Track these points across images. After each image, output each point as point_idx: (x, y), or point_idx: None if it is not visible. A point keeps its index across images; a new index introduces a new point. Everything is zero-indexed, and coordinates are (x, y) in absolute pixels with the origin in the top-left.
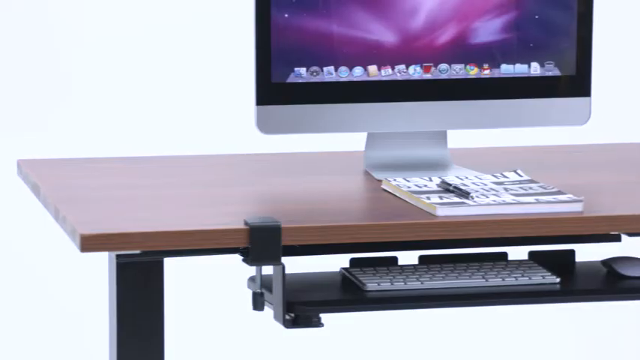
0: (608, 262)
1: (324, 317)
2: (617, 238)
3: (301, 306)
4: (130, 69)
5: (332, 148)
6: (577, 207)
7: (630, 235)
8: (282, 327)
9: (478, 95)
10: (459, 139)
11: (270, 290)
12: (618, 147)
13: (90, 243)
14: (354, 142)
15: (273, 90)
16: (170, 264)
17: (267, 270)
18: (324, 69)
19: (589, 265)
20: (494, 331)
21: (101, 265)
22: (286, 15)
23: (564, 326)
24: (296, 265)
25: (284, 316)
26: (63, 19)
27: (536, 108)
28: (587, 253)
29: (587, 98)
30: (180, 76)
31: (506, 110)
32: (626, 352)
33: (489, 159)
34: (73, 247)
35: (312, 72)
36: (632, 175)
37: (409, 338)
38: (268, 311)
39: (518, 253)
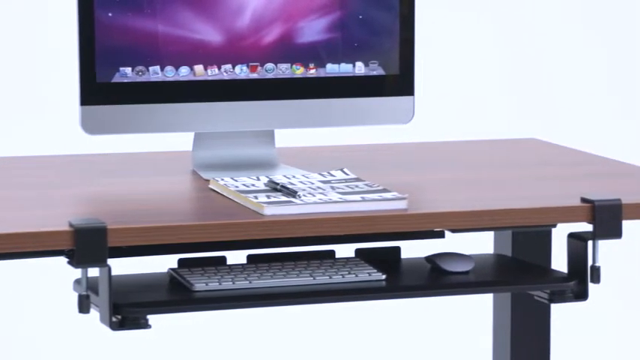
0: (431, 258)
1: (152, 318)
2: (441, 235)
3: (128, 308)
4: None
5: (159, 148)
6: (401, 204)
7: (453, 231)
8: (109, 329)
9: (305, 94)
10: (286, 138)
11: (97, 292)
12: (441, 145)
13: None
14: (181, 141)
15: (98, 90)
16: None
17: (95, 272)
18: (150, 68)
19: (414, 262)
20: (322, 328)
21: None
22: (110, 14)
23: (390, 322)
24: (123, 266)
25: (110, 319)
26: None
27: (362, 107)
28: (412, 249)
29: (410, 97)
30: (1, 76)
31: (332, 109)
32: (450, 345)
33: (316, 158)
34: None
35: (138, 72)
36: (454, 173)
37: (238, 337)
38: (95, 314)
39: (345, 250)
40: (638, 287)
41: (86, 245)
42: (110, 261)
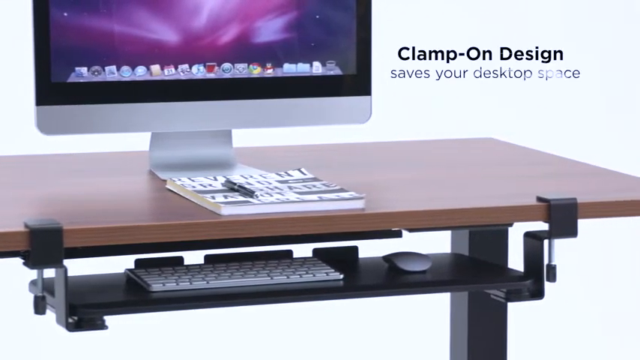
0: (389, 258)
1: (109, 319)
2: (398, 234)
3: (84, 309)
4: None
5: (116, 149)
6: (359, 204)
7: (410, 230)
8: (65, 330)
9: (262, 94)
10: (243, 138)
11: (53, 293)
12: (398, 145)
13: None
14: (138, 142)
15: (53, 90)
16: None
17: (51, 273)
18: (106, 68)
19: (371, 261)
20: (280, 328)
21: None
22: (66, 14)
23: (348, 321)
24: (79, 267)
25: (67, 320)
26: None
27: (319, 107)
28: (370, 249)
29: (367, 97)
30: None
31: (290, 109)
32: (408, 344)
33: (274, 158)
34: None
35: (94, 71)
36: (411, 172)
37: (196, 338)
38: (52, 315)
39: (302, 250)
40: (593, 286)
41: (42, 246)
42: (66, 262)
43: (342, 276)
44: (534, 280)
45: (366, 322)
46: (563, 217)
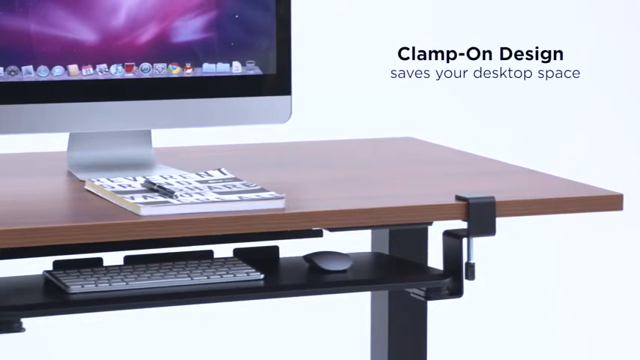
0: (309, 257)
1: (26, 322)
2: (319, 234)
3: (1, 311)
4: None
5: (33, 149)
6: (279, 204)
7: (331, 230)
8: None
9: (181, 94)
10: (163, 138)
11: None
12: (318, 144)
13: None
14: (56, 142)
15: None
16: None
17: None
18: (23, 68)
19: (292, 261)
20: (201, 329)
21: None
22: None
23: (269, 321)
24: None
25: None
26: None
27: (239, 107)
28: (290, 248)
29: (287, 97)
30: None
31: (210, 109)
32: (328, 343)
33: (194, 158)
34: None
35: (10, 71)
36: (331, 172)
37: (115, 339)
38: None
39: (223, 250)
40: (512, 284)
41: None
42: None
43: (262, 276)
44: (453, 278)
45: (287, 322)
46: (481, 216)
